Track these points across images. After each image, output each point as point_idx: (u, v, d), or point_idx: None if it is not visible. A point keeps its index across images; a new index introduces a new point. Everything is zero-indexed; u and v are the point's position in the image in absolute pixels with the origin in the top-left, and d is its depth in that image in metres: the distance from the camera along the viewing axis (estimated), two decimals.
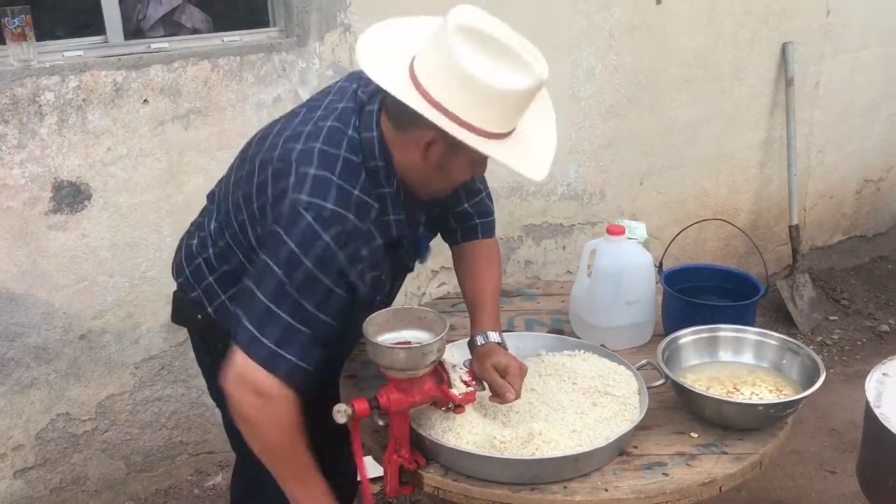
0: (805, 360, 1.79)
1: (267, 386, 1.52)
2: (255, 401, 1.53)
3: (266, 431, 1.57)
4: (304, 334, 1.52)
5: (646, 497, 1.53)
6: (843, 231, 4.50)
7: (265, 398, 1.53)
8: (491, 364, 1.64)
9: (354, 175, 1.54)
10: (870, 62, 4.18)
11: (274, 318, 1.50)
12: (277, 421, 1.55)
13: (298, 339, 1.52)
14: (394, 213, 1.61)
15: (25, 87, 2.40)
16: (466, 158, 1.55)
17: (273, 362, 1.51)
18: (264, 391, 1.52)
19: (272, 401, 1.53)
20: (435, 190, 1.66)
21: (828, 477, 2.99)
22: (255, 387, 1.52)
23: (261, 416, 1.54)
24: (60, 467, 2.75)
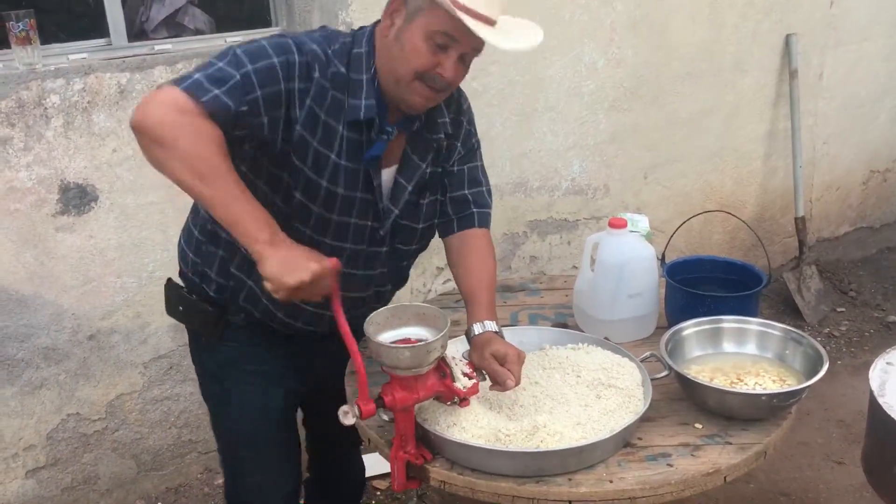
0: (808, 349, 1.79)
1: (190, 105, 1.46)
2: (175, 116, 1.45)
3: (188, 144, 1.44)
4: (235, 78, 1.50)
5: (650, 488, 1.53)
6: (849, 222, 4.49)
7: (187, 114, 1.45)
8: (489, 353, 1.65)
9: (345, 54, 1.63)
10: (873, 53, 4.17)
11: (209, 65, 1.53)
12: (198, 131, 1.45)
13: (229, 82, 1.49)
14: (366, 97, 1.63)
15: (31, 90, 2.42)
16: (422, 28, 1.55)
17: (199, 90, 1.47)
18: (186, 108, 1.45)
19: (193, 115, 1.45)
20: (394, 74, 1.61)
21: (835, 468, 2.99)
22: (177, 104, 1.45)
23: (180, 128, 1.44)
24: (71, 467, 2.78)
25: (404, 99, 1.64)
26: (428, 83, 1.60)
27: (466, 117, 1.87)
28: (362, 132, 1.66)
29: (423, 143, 1.77)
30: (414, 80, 1.59)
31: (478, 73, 3.11)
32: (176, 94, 1.47)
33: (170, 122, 1.45)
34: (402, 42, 1.58)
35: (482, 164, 1.93)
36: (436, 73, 1.59)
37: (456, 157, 1.85)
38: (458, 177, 1.86)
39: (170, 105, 1.46)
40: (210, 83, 1.49)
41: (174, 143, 1.45)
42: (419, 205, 1.81)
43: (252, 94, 1.52)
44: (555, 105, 3.35)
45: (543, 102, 3.32)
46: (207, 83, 1.49)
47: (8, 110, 2.41)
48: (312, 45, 1.60)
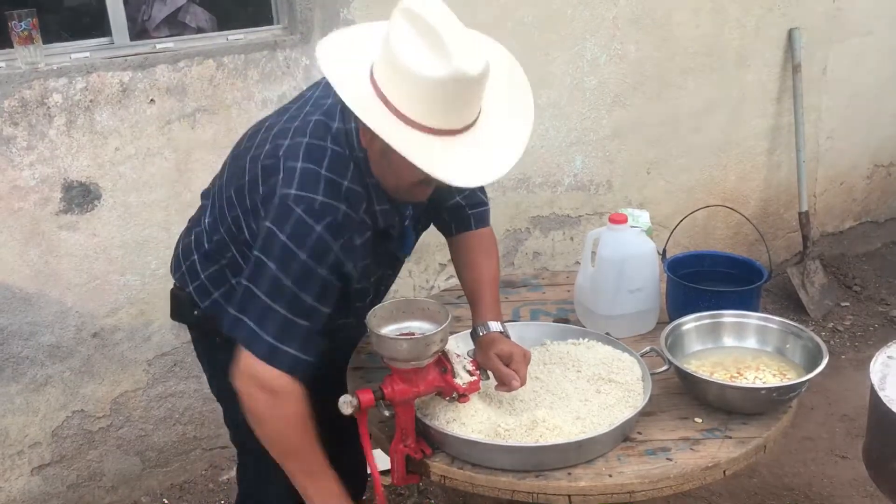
0: (808, 343, 1.79)
1: (272, 381, 1.54)
2: (262, 396, 1.55)
3: (276, 427, 1.58)
4: (303, 327, 1.54)
5: (650, 482, 1.54)
6: (854, 217, 4.48)
7: (271, 393, 1.55)
8: (494, 353, 1.66)
9: (343, 166, 1.56)
10: (877, 46, 4.15)
11: (272, 313, 1.53)
12: (286, 416, 1.57)
13: (298, 332, 1.54)
14: (378, 204, 1.62)
15: (33, 89, 2.44)
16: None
17: (275, 357, 1.53)
18: (270, 386, 1.54)
19: (279, 396, 1.55)
20: (392, 186, 1.60)
21: (839, 462, 2.99)
22: (261, 382, 1.54)
23: (269, 411, 1.56)
24: (76, 464, 2.79)
25: (408, 199, 1.67)
26: (426, 184, 1.58)
27: None
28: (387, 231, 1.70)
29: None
30: (413, 186, 1.58)
31: None
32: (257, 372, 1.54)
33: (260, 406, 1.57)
34: (388, 160, 1.52)
35: None
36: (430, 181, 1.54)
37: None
38: (448, 189, 1.85)
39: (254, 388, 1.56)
40: (282, 343, 1.54)
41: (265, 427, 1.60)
42: (417, 230, 1.87)
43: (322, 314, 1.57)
44: (557, 101, 3.35)
45: (546, 98, 3.31)
46: (280, 344, 1.54)
47: (11, 109, 2.42)
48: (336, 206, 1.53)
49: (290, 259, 1.51)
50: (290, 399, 1.56)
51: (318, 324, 1.56)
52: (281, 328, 1.53)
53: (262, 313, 1.53)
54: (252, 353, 1.54)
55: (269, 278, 1.52)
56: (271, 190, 1.54)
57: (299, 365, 1.55)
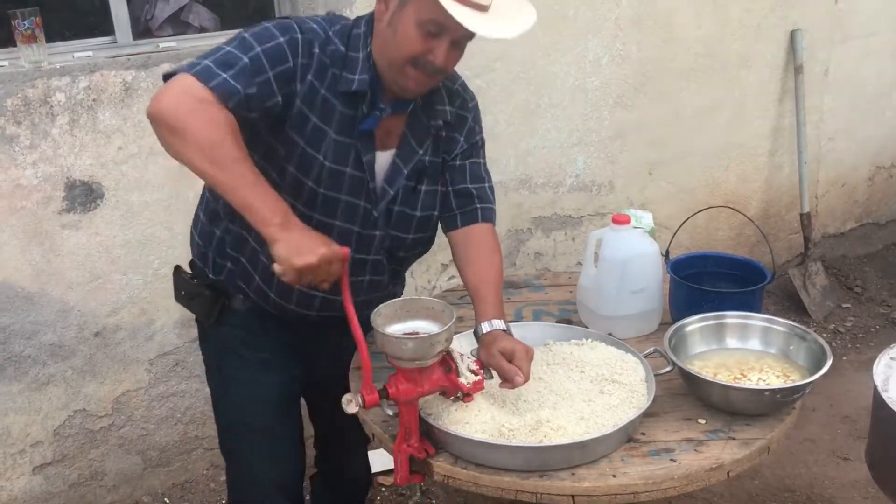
0: (812, 345, 1.79)
1: (199, 90, 1.50)
2: (187, 104, 1.48)
3: (200, 129, 1.47)
4: (244, 62, 1.55)
5: (654, 483, 1.53)
6: (855, 218, 4.48)
7: (199, 100, 1.49)
8: (497, 350, 1.65)
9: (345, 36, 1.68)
10: (879, 48, 4.15)
11: (219, 50, 1.57)
12: (211, 116, 1.49)
13: (238, 65, 1.54)
14: (360, 73, 1.66)
15: (36, 88, 2.44)
16: (413, 14, 1.57)
17: (208, 74, 1.52)
18: (198, 95, 1.49)
19: (208, 103, 1.50)
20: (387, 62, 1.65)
21: (841, 464, 2.99)
22: (183, 87, 1.50)
23: (193, 112, 1.48)
24: (78, 463, 2.79)
25: (398, 82, 1.67)
26: (420, 68, 1.63)
27: (472, 115, 1.88)
28: (357, 108, 1.69)
29: (421, 129, 1.79)
30: (406, 65, 1.63)
31: (482, 71, 3.11)
32: (187, 81, 1.51)
33: (183, 111, 1.48)
34: (394, 28, 1.61)
35: (485, 163, 1.93)
36: (427, 59, 1.61)
37: (458, 151, 1.86)
38: (460, 171, 1.87)
39: (182, 93, 1.50)
40: (219, 67, 1.53)
41: (187, 130, 1.48)
42: (416, 191, 1.82)
43: (262, 75, 1.57)
44: (559, 102, 3.35)
45: (548, 99, 3.32)
46: (216, 67, 1.54)
47: (14, 108, 2.42)
48: (313, 25, 1.66)
49: (258, 26, 1.62)
50: (215, 105, 1.50)
51: (257, 71, 1.56)
52: (222, 58, 1.55)
53: (210, 51, 1.58)
54: (187, 73, 1.52)
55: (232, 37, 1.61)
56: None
57: (228, 88, 1.51)
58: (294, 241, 1.48)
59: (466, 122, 1.87)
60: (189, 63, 1.56)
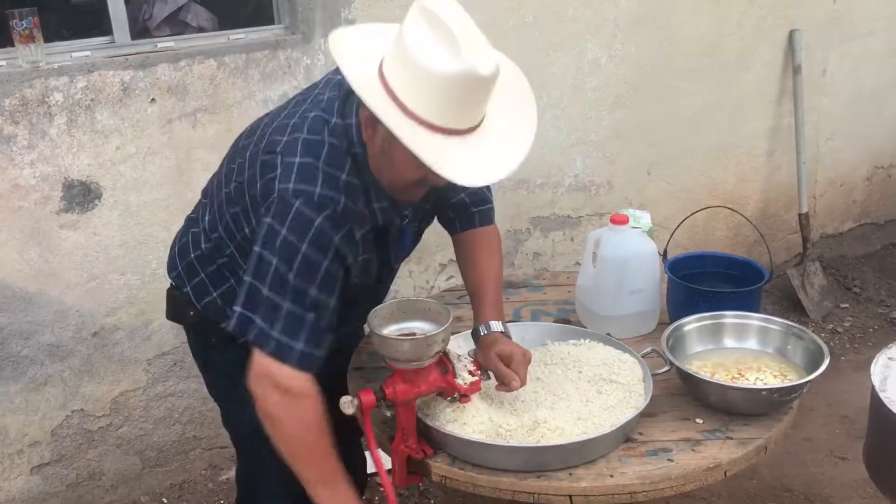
0: (809, 344, 1.79)
1: (285, 379, 1.51)
2: (276, 396, 1.52)
3: (292, 430, 1.54)
4: (309, 321, 1.52)
5: (651, 482, 1.54)
6: (853, 218, 4.48)
7: (286, 393, 1.51)
8: (495, 353, 1.66)
9: (340, 160, 1.55)
10: (877, 48, 4.15)
11: (277, 308, 1.51)
12: (302, 418, 1.53)
13: (305, 326, 1.52)
14: (377, 201, 1.61)
15: (34, 88, 2.43)
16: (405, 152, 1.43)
17: (284, 353, 1.51)
18: (284, 385, 1.51)
19: (293, 395, 1.52)
20: (390, 181, 1.58)
21: (839, 464, 2.99)
22: (274, 381, 1.51)
23: (285, 412, 1.53)
24: (76, 463, 2.79)
25: (403, 197, 1.64)
26: (423, 185, 1.58)
27: None
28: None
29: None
30: (409, 186, 1.58)
31: None
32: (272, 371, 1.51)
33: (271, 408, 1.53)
34: (389, 156, 1.52)
35: None
36: (429, 179, 1.53)
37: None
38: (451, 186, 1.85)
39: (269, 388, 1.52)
40: (290, 337, 1.51)
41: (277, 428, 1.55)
42: (420, 230, 1.86)
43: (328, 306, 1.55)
44: (558, 102, 3.35)
45: (546, 99, 3.32)
46: (287, 339, 1.51)
47: (12, 108, 2.42)
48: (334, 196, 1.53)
49: (292, 252, 1.50)
50: (306, 399, 1.53)
51: (324, 316, 1.54)
52: (287, 323, 1.51)
53: (268, 309, 1.51)
54: (263, 352, 1.52)
55: (272, 273, 1.50)
56: (269, 186, 1.53)
57: (308, 360, 1.52)
58: None
59: None
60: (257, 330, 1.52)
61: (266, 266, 1.51)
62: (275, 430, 1.55)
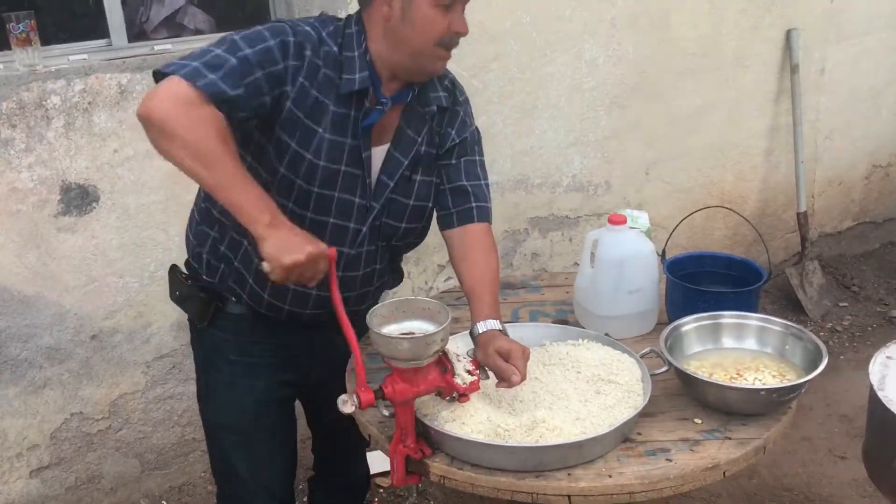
0: (808, 344, 1.79)
1: (189, 92, 1.50)
2: (176, 106, 1.49)
3: (189, 129, 1.48)
4: (230, 63, 1.55)
5: (650, 482, 1.53)
6: (852, 217, 4.48)
7: (187, 102, 1.49)
8: (494, 349, 1.65)
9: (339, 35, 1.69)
10: (875, 47, 4.16)
11: (208, 52, 1.57)
12: (200, 116, 1.50)
13: (224, 65, 1.54)
14: (359, 71, 1.68)
15: (31, 91, 2.43)
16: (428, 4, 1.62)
17: (195, 76, 1.51)
18: (186, 96, 1.49)
19: (197, 105, 1.50)
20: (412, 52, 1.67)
21: (838, 462, 2.99)
22: (178, 94, 1.49)
23: (181, 114, 1.48)
24: (75, 466, 2.79)
25: (425, 69, 1.72)
26: (446, 45, 1.68)
27: (463, 108, 1.89)
28: (352, 107, 1.70)
29: (417, 118, 1.80)
30: (435, 47, 1.67)
31: (478, 71, 3.11)
32: (176, 84, 1.51)
33: (172, 113, 1.49)
34: (410, 20, 1.64)
35: (481, 160, 1.93)
36: (452, 33, 1.67)
37: (450, 145, 1.86)
38: (455, 168, 1.87)
39: (171, 96, 1.50)
40: (207, 69, 1.54)
41: (176, 131, 1.49)
42: (411, 180, 1.83)
43: (250, 76, 1.58)
44: (556, 102, 3.35)
45: (544, 100, 3.32)
46: (204, 69, 1.54)
47: (9, 111, 2.42)
48: (305, 27, 1.68)
49: (249, 30, 1.63)
50: (204, 106, 1.51)
51: (245, 72, 1.56)
52: (210, 60, 1.55)
53: (198, 54, 1.57)
54: (175, 75, 1.51)
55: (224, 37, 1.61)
56: None
57: (216, 88, 1.52)
58: (282, 240, 1.50)
59: (458, 115, 1.87)
60: (177, 63, 1.55)
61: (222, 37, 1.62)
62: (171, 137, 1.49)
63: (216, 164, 1.50)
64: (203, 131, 1.50)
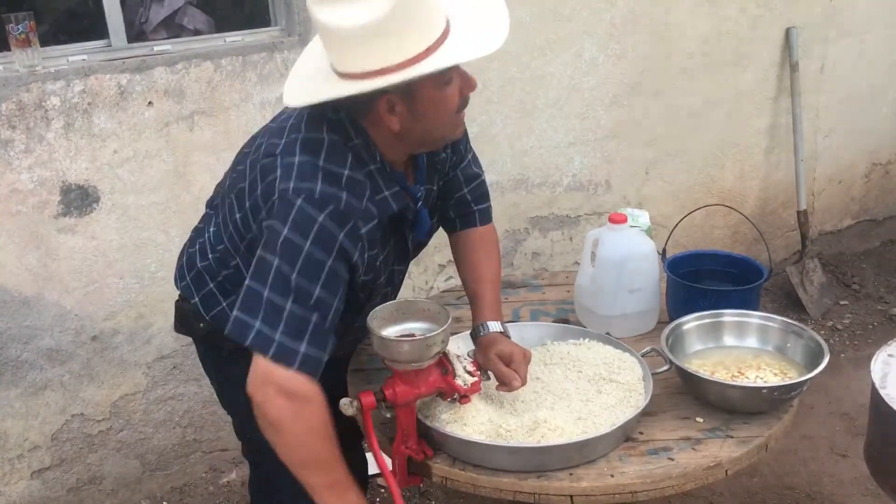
0: (809, 342, 1.79)
1: (287, 382, 1.46)
2: (280, 401, 1.47)
3: (296, 435, 1.49)
4: (312, 322, 1.48)
5: (652, 482, 1.53)
6: (852, 215, 4.48)
7: (289, 397, 1.47)
8: (495, 353, 1.65)
9: (341, 156, 1.54)
10: (875, 45, 4.15)
11: (279, 310, 1.47)
12: (307, 423, 1.49)
13: (308, 328, 1.47)
14: (387, 188, 1.60)
15: (31, 92, 2.43)
16: (430, 89, 1.52)
17: (287, 355, 1.46)
18: (287, 389, 1.46)
19: (297, 399, 1.47)
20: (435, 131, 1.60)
21: (840, 461, 2.99)
22: (278, 385, 1.46)
23: (289, 417, 1.48)
24: (76, 467, 2.78)
25: (447, 138, 1.66)
26: (462, 107, 1.61)
27: None
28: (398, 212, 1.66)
29: (430, 168, 1.77)
30: (454, 117, 1.61)
31: (477, 71, 3.08)
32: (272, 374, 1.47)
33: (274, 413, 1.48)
34: (422, 113, 1.55)
35: (473, 155, 1.91)
36: (464, 97, 1.60)
37: (448, 165, 1.84)
38: (455, 181, 1.87)
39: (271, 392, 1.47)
40: (293, 340, 1.47)
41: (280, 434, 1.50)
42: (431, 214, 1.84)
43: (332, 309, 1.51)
44: (555, 101, 3.35)
45: (544, 99, 3.32)
46: (290, 341, 1.47)
47: (8, 113, 2.42)
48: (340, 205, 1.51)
49: (294, 251, 1.46)
50: (310, 404, 1.48)
51: (327, 317, 1.50)
52: (289, 325, 1.46)
53: (269, 312, 1.47)
54: (263, 356, 1.46)
55: (273, 274, 1.46)
56: (270, 187, 1.51)
57: (312, 363, 1.47)
58: None
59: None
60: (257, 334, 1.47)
61: (267, 267, 1.47)
62: (279, 437, 1.50)
63: (318, 470, 1.52)
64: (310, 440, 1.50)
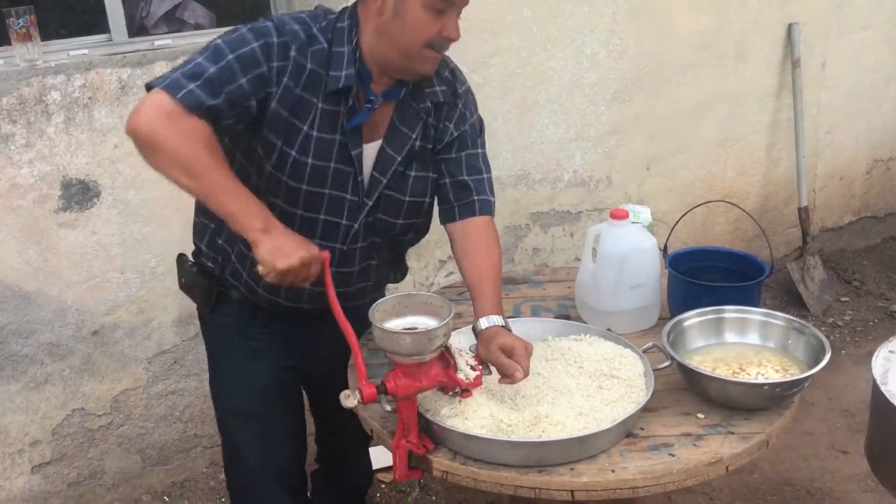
0: (810, 339, 1.79)
1: (171, 105, 1.52)
2: (160, 120, 1.52)
3: (175, 142, 1.52)
4: (210, 72, 1.56)
5: (652, 477, 1.53)
6: (853, 212, 4.48)
7: (166, 113, 1.52)
8: (496, 346, 1.65)
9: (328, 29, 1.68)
10: (877, 41, 4.15)
11: (190, 61, 1.59)
12: (185, 128, 1.53)
13: (204, 75, 1.56)
14: (343, 69, 1.66)
15: (32, 86, 2.43)
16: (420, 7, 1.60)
17: (175, 87, 1.54)
18: (166, 107, 1.52)
19: (174, 114, 1.52)
20: (402, 50, 1.65)
21: (840, 457, 2.99)
22: (161, 107, 1.52)
23: (165, 127, 1.52)
24: (77, 462, 2.79)
25: (414, 69, 1.70)
26: (436, 48, 1.66)
27: (462, 100, 1.86)
28: (340, 103, 1.69)
29: (411, 114, 1.79)
30: (423, 49, 1.65)
31: (479, 66, 3.10)
32: (157, 97, 1.54)
33: (157, 127, 1.53)
34: (402, 17, 1.62)
35: (483, 153, 1.92)
36: (443, 37, 1.65)
37: (448, 140, 1.84)
38: (456, 163, 1.86)
39: (154, 109, 1.54)
40: (187, 79, 1.56)
41: (162, 145, 1.53)
42: (405, 176, 1.82)
43: (232, 83, 1.58)
44: (556, 97, 3.35)
45: (545, 95, 3.31)
46: (185, 79, 1.56)
47: (9, 107, 2.41)
48: (294, 26, 1.66)
49: (234, 32, 1.63)
50: (188, 118, 1.53)
51: (225, 81, 1.57)
52: (191, 70, 1.56)
53: (183, 64, 1.59)
54: (158, 88, 1.54)
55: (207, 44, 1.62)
56: None
57: (195, 99, 1.54)
58: (275, 245, 1.54)
59: (457, 109, 1.85)
60: (162, 76, 1.59)
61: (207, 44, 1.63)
62: (159, 151, 1.53)
63: (204, 175, 1.54)
64: (188, 143, 1.53)
